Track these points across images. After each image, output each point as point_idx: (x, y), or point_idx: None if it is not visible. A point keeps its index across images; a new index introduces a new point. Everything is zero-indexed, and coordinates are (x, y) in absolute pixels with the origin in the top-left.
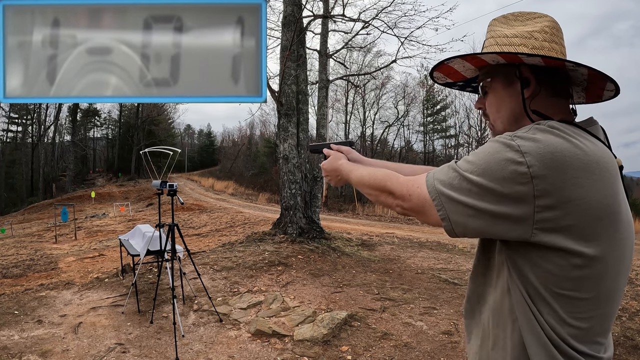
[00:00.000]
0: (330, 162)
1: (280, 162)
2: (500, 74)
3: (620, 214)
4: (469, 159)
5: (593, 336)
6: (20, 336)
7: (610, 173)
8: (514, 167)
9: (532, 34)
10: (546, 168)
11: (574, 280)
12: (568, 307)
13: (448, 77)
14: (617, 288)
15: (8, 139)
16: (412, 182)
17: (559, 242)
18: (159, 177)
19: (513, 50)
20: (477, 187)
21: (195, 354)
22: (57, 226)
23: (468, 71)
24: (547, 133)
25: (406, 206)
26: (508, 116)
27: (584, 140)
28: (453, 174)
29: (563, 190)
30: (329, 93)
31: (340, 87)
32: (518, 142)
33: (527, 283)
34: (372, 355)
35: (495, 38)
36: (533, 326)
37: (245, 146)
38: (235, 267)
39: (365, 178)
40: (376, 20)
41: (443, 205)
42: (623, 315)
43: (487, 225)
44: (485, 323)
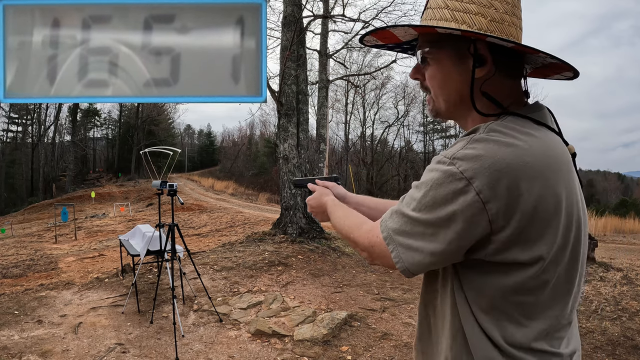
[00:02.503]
0: (315, 197)
1: (280, 162)
2: (450, 46)
3: (572, 215)
4: (414, 195)
5: (552, 332)
6: (20, 336)
7: (562, 169)
8: (462, 197)
9: (491, 2)
10: (495, 188)
11: (530, 288)
12: (523, 311)
13: (380, 40)
14: (571, 279)
15: (8, 139)
16: (372, 233)
17: (515, 256)
18: (159, 177)
19: (467, 19)
20: (429, 226)
21: (195, 354)
22: (57, 226)
23: (407, 36)
24: (489, 142)
25: (372, 257)
26: (454, 95)
27: (531, 138)
28: (402, 220)
29: (516, 206)
30: (329, 93)
31: (340, 87)
32: (460, 167)
33: (479, 295)
34: (372, 355)
35: (446, 0)
36: (477, 334)
37: (245, 146)
38: (235, 267)
39: (338, 225)
40: (376, 20)
41: (400, 257)
42: (623, 315)
43: (445, 260)
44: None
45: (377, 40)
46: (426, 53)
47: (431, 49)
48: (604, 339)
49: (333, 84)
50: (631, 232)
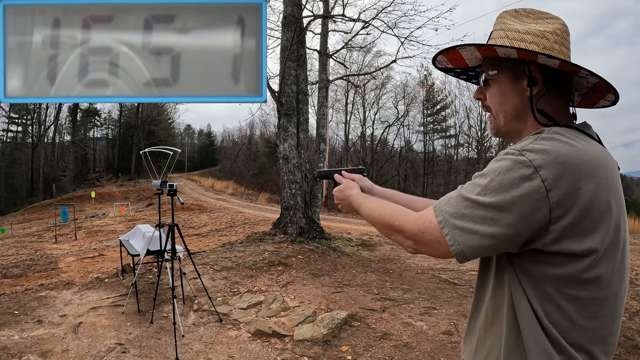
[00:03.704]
0: (342, 190)
1: (280, 162)
2: (508, 68)
3: (622, 215)
4: (479, 181)
5: (601, 337)
6: (20, 336)
7: (612, 174)
8: (528, 183)
9: (544, 33)
10: (559, 178)
11: (584, 281)
12: (578, 307)
13: (449, 63)
14: (621, 286)
15: (8, 139)
16: (423, 219)
17: (570, 247)
18: (159, 177)
19: (524, 47)
20: (492, 210)
21: (195, 354)
22: (57, 226)
23: (472, 59)
24: (553, 141)
25: (418, 245)
26: (511, 111)
27: (586, 143)
28: (464, 203)
29: (575, 198)
30: (329, 93)
31: (340, 87)
32: (529, 157)
33: (536, 287)
34: (372, 355)
35: (506, 31)
36: (534, 328)
37: (245, 146)
38: (235, 267)
39: (375, 214)
40: (376, 20)
41: (456, 239)
42: (623, 315)
43: (502, 246)
44: (480, 327)
45: (447, 62)
46: (488, 75)
47: (492, 71)
48: None
49: (333, 84)
50: (631, 232)
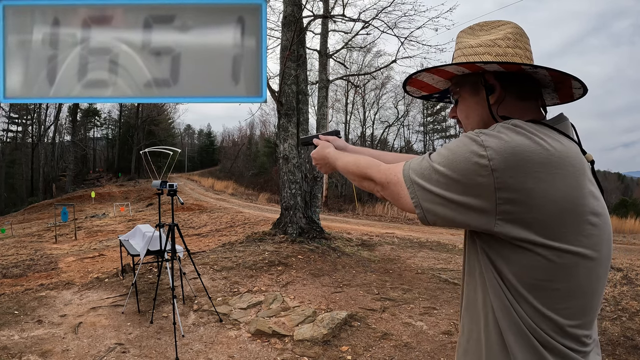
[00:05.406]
0: (318, 151)
1: (280, 162)
2: (468, 83)
3: (585, 207)
4: (440, 151)
5: (573, 329)
6: (20, 336)
7: (575, 168)
8: (476, 159)
9: (495, 41)
10: (506, 162)
11: (544, 271)
12: (543, 298)
13: (422, 90)
14: (592, 281)
15: (8, 139)
16: (391, 171)
17: (523, 235)
18: (159, 177)
19: (478, 59)
20: (444, 177)
21: (195, 354)
22: (57, 226)
23: (439, 83)
24: (511, 131)
25: (384, 193)
26: (477, 122)
27: (548, 138)
28: (425, 165)
29: (524, 184)
30: (329, 93)
31: (340, 87)
32: (482, 138)
33: (502, 276)
34: (372, 355)
35: (462, 49)
36: (511, 317)
37: (245, 146)
38: (235, 267)
39: (350, 165)
40: (376, 20)
41: (416, 194)
42: (623, 315)
43: (454, 214)
44: (465, 319)
45: (420, 91)
46: (454, 93)
47: (455, 89)
48: (604, 339)
49: (333, 84)
50: (631, 232)
